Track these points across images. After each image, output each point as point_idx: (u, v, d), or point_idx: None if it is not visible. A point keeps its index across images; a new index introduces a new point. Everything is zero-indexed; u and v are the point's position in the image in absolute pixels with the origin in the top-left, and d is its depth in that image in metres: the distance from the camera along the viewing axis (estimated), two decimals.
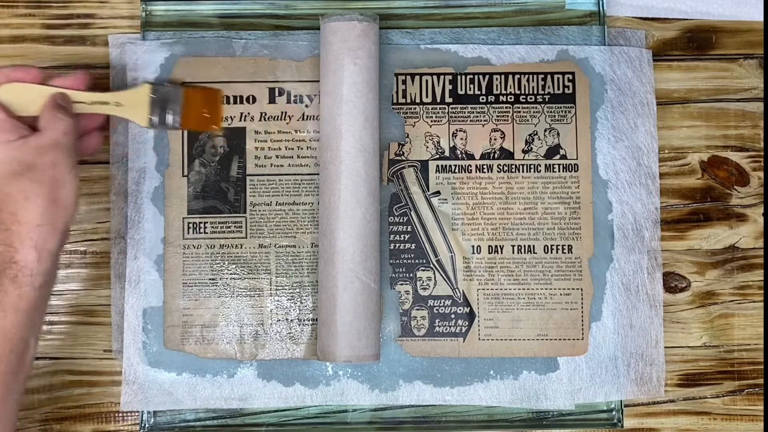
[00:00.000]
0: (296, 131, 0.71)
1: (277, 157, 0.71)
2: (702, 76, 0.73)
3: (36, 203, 0.57)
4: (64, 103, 0.62)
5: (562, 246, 0.71)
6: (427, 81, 0.72)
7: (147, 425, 0.70)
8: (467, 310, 0.70)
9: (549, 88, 0.72)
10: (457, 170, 0.71)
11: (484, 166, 0.71)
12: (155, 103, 0.66)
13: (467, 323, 0.70)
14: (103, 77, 0.71)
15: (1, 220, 0.57)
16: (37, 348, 0.60)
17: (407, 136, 0.71)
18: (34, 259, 0.57)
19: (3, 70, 0.62)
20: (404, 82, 0.72)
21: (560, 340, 0.70)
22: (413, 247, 0.71)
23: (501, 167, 0.71)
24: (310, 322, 0.70)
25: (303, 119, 0.71)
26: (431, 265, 0.71)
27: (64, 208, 0.58)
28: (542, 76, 0.72)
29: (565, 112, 0.72)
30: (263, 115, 0.71)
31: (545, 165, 0.71)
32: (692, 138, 0.73)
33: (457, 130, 0.71)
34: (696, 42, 0.74)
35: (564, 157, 0.71)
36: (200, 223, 0.70)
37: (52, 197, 0.58)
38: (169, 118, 0.67)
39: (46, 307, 0.61)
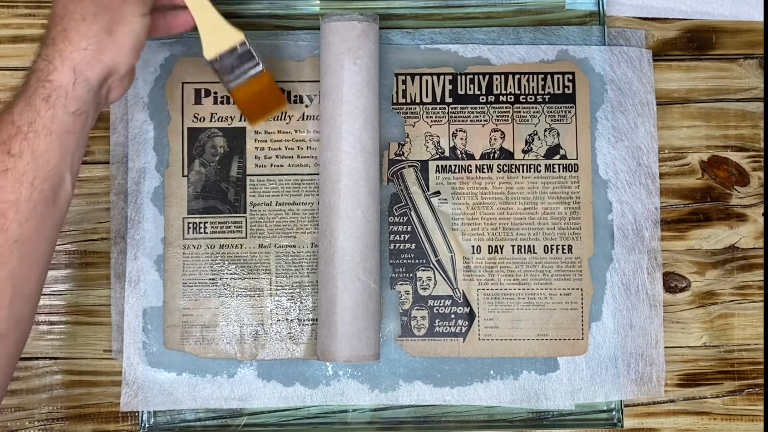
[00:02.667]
0: (296, 131, 0.71)
1: (277, 157, 0.71)
2: (702, 76, 0.73)
3: (89, 26, 0.55)
4: None
5: (562, 246, 0.71)
6: (427, 81, 0.72)
7: (147, 425, 0.70)
8: (467, 310, 0.70)
9: (549, 88, 0.72)
10: (457, 170, 0.71)
11: (484, 166, 0.71)
12: (231, 54, 0.65)
13: (467, 323, 0.70)
14: None
15: (53, 35, 0.55)
16: (74, 191, 0.57)
17: (407, 136, 0.71)
18: (70, 81, 0.55)
19: None
20: (404, 82, 0.72)
21: (560, 340, 0.70)
22: (413, 247, 0.71)
23: (501, 167, 0.71)
24: (310, 322, 0.70)
25: (303, 119, 0.71)
26: (431, 265, 0.71)
27: (117, 44, 0.56)
28: (542, 76, 0.72)
29: (565, 112, 0.72)
30: None
31: (545, 165, 0.71)
32: (692, 138, 0.73)
33: (457, 130, 0.71)
34: (696, 42, 0.74)
35: (564, 157, 0.71)
36: (200, 223, 0.70)
37: (107, 27, 0.56)
38: (230, 78, 0.65)
39: (83, 144, 0.57)
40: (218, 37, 0.65)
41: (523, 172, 0.71)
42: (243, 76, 0.66)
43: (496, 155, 0.71)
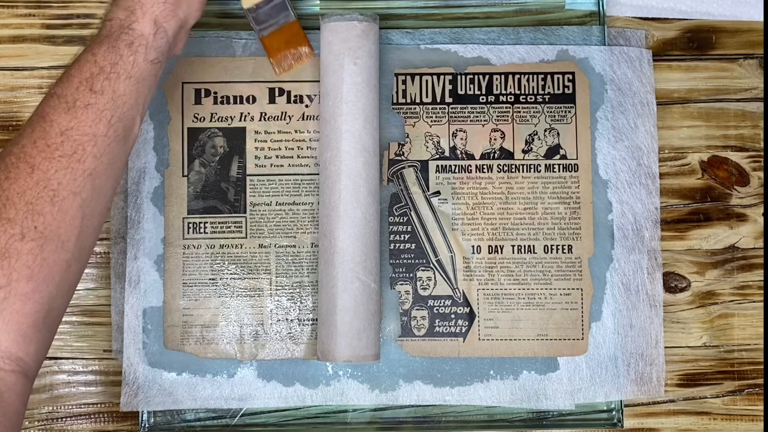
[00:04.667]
0: (296, 131, 0.71)
1: (277, 157, 0.71)
2: (702, 76, 0.73)
3: None
4: None
5: (562, 246, 0.71)
6: (427, 81, 0.72)
7: (147, 425, 0.70)
8: (467, 310, 0.70)
9: (549, 88, 0.72)
10: (457, 170, 0.71)
11: (484, 166, 0.71)
12: (269, 3, 0.68)
13: (467, 323, 0.70)
14: None
15: None
16: (139, 135, 0.60)
17: (407, 136, 0.71)
18: (151, 31, 0.58)
19: None
20: (404, 82, 0.72)
21: (560, 340, 0.70)
22: (413, 247, 0.71)
23: (501, 167, 0.71)
24: (310, 322, 0.70)
25: (303, 119, 0.71)
26: (431, 265, 0.71)
27: (188, 1, 0.60)
28: (542, 76, 0.72)
29: (565, 112, 0.72)
30: (263, 115, 0.71)
31: (545, 165, 0.71)
32: (692, 138, 0.73)
33: (457, 130, 0.71)
34: (696, 42, 0.74)
35: (564, 157, 0.71)
36: (200, 223, 0.70)
37: None
38: (263, 27, 0.69)
39: (153, 92, 0.60)
40: None
41: (523, 172, 0.71)
42: (275, 25, 0.69)
43: (496, 155, 0.71)
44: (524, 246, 0.71)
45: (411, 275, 0.70)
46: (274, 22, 0.69)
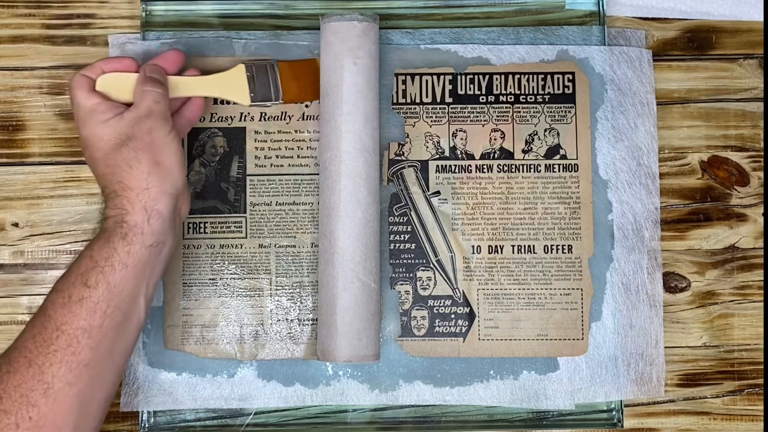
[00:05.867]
0: (296, 131, 0.71)
1: (277, 157, 0.71)
2: (702, 76, 0.73)
3: (139, 169, 0.60)
4: (153, 75, 0.64)
5: (562, 246, 0.71)
6: (427, 81, 0.72)
7: (147, 425, 0.70)
8: (467, 310, 0.70)
9: (549, 88, 0.72)
10: (457, 170, 0.71)
11: (484, 166, 0.71)
12: (252, 80, 0.68)
13: (467, 323, 0.70)
14: None
15: (113, 189, 0.61)
16: (148, 312, 0.62)
17: (407, 136, 0.71)
18: (144, 219, 0.60)
19: (98, 64, 0.65)
20: (404, 82, 0.72)
21: (560, 340, 0.70)
22: (413, 247, 0.71)
23: (501, 167, 0.71)
24: (310, 322, 0.70)
25: (303, 119, 0.71)
26: (431, 265, 0.71)
27: (168, 169, 0.61)
28: (542, 76, 0.72)
29: (565, 112, 0.72)
30: (263, 115, 0.71)
31: (545, 165, 0.71)
32: (692, 138, 0.73)
33: (457, 130, 0.71)
34: (696, 42, 0.74)
35: (564, 157, 0.71)
36: (200, 223, 0.70)
37: (153, 161, 0.61)
38: (272, 93, 0.68)
39: (160, 269, 0.62)
40: (234, 85, 0.68)
41: (523, 172, 0.71)
42: (277, 82, 0.68)
43: (496, 155, 0.71)
44: (524, 246, 0.71)
45: (411, 275, 0.70)
46: (273, 81, 0.68)
